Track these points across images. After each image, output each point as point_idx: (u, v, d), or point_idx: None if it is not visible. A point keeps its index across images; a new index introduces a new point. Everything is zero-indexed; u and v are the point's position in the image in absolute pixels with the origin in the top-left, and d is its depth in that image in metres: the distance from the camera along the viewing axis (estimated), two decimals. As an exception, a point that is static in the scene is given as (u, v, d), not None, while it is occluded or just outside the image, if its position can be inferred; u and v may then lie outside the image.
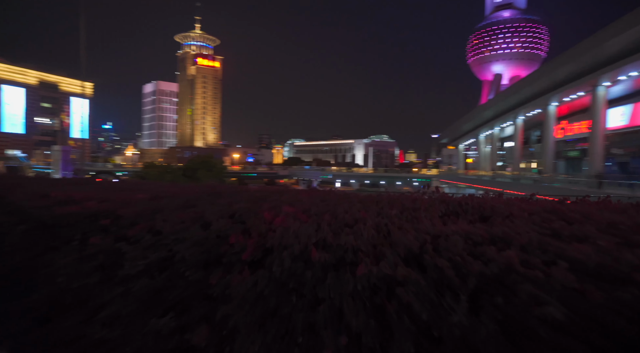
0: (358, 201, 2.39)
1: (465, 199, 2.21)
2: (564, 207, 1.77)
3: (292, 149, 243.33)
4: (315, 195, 2.82)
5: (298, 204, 2.21)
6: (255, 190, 3.59)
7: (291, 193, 3.13)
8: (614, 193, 24.27)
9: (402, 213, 1.84)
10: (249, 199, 2.63)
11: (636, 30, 23.11)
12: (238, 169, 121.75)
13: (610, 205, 2.04)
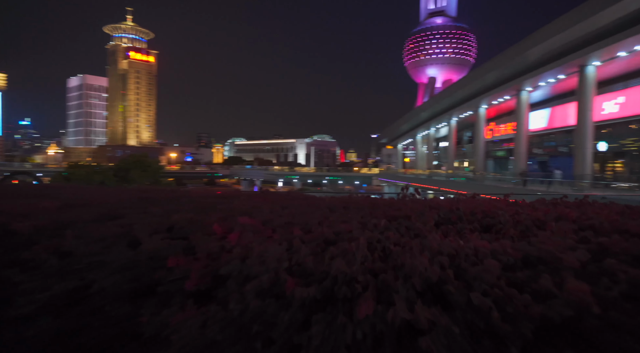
0: (327, 207, 2.03)
1: (450, 203, 1.94)
2: (571, 210, 1.54)
3: (232, 148, 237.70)
4: (273, 200, 2.41)
5: (256, 213, 1.79)
6: (199, 194, 3.07)
7: (244, 198, 2.69)
8: (537, 189, 26.35)
9: (392, 223, 1.51)
10: (193, 207, 2.15)
11: (551, 41, 25.15)
12: (176, 169, 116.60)
13: (612, 208, 1.87)
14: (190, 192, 3.40)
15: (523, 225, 1.41)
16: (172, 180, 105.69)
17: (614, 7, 19.76)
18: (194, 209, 2.11)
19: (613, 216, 1.37)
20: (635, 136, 27.37)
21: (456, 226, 1.52)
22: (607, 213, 1.45)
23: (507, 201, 2.01)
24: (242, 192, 3.28)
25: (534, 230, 1.36)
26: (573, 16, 22.81)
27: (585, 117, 25.74)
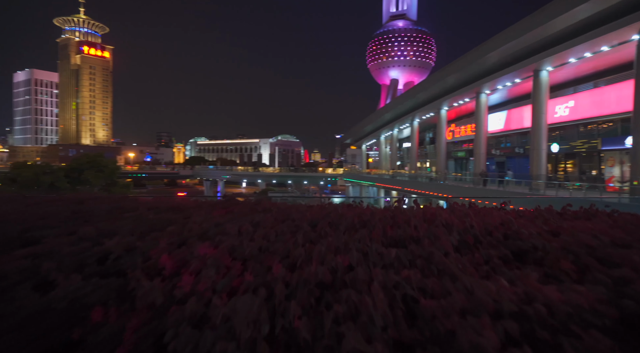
0: (309, 222, 1.67)
1: (452, 215, 1.62)
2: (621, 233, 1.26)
3: (194, 148, 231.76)
4: (240, 212, 2.01)
5: (220, 237, 1.40)
6: (150, 204, 2.56)
7: (204, 210, 2.26)
8: (496, 189, 27.21)
9: (400, 250, 1.17)
10: (138, 226, 1.71)
11: (508, 46, 26.02)
12: (134, 169, 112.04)
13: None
14: (139, 202, 2.85)
15: (571, 253, 1.11)
16: (130, 181, 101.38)
17: (565, 15, 20.63)
18: (139, 230, 1.68)
19: None
20: (584, 138, 28.84)
21: (479, 253, 1.21)
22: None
23: (516, 212, 1.76)
24: (203, 201, 2.84)
25: (593, 263, 1.06)
26: (527, 23, 23.67)
27: (540, 120, 26.80)
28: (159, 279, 1.03)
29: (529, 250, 1.21)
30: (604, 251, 1.12)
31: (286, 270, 1.05)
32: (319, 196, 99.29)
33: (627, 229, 1.39)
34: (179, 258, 1.13)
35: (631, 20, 18.35)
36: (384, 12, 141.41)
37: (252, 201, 2.72)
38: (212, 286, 0.94)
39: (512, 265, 1.10)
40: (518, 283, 0.86)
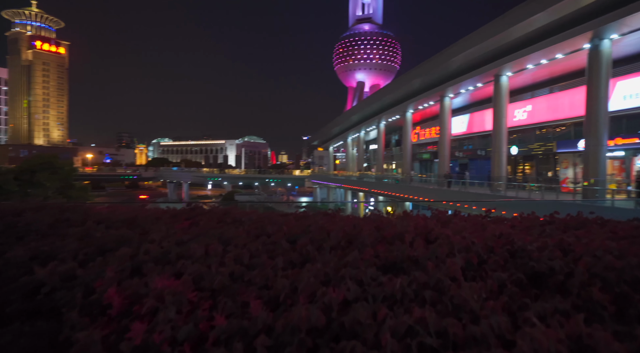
0: (286, 238, 1.45)
1: (444, 227, 1.45)
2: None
3: (157, 149, 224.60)
4: (205, 225, 1.77)
5: (183, 261, 1.17)
6: (101, 216, 2.20)
7: (164, 223, 1.97)
8: (459, 191, 27.93)
9: (402, 278, 0.98)
10: (80, 247, 1.42)
11: (470, 52, 26.78)
12: (93, 171, 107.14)
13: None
14: (89, 214, 2.46)
15: (598, 277, 0.97)
16: (88, 183, 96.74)
17: (523, 23, 21.43)
18: (83, 252, 1.40)
19: None
20: (541, 141, 30.18)
21: (490, 277, 1.06)
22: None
23: (512, 222, 1.64)
24: (164, 210, 2.55)
25: (629, 292, 0.93)
26: (488, 30, 24.43)
27: (500, 124, 27.75)
28: (104, 321, 0.81)
29: (545, 273, 1.07)
30: (633, 275, 1.00)
31: (267, 309, 0.85)
32: (287, 198, 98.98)
33: (639, 242, 1.30)
34: (130, 292, 0.91)
35: (582, 30, 19.31)
36: (350, 15, 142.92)
37: (219, 209, 2.46)
38: (173, 336, 0.73)
39: (530, 291, 0.96)
40: (553, 322, 0.71)
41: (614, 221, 1.95)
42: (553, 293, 0.97)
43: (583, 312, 0.79)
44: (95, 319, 0.84)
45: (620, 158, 24.04)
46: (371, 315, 0.81)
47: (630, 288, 0.94)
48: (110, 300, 0.86)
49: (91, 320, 0.84)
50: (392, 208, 37.79)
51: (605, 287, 0.94)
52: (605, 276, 1.01)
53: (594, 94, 20.16)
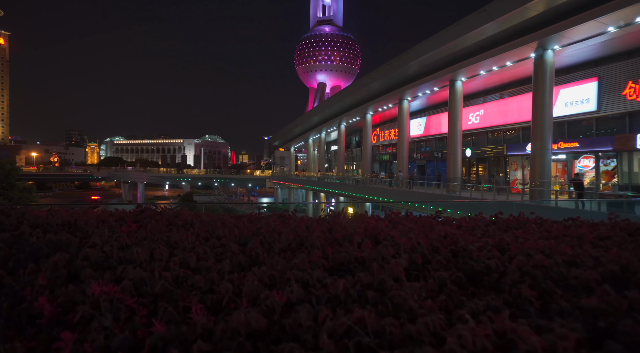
0: (237, 240, 1.41)
1: (393, 228, 1.46)
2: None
3: (111, 148, 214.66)
4: (154, 229, 1.69)
5: (124, 266, 1.12)
6: (39, 220, 2.00)
7: (109, 226, 1.86)
8: (417, 191, 28.78)
9: (347, 279, 0.98)
10: (11, 254, 1.31)
11: (427, 57, 27.64)
12: (38, 170, 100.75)
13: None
14: (26, 217, 2.24)
15: (528, 275, 1.03)
16: (33, 184, 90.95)
17: (475, 31, 22.38)
18: (14, 259, 1.30)
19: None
20: (492, 144, 31.69)
21: (431, 276, 1.10)
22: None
23: (459, 223, 1.71)
24: (111, 212, 2.42)
25: (556, 289, 1.00)
26: (443, 36, 25.29)
27: (455, 127, 28.85)
28: (33, 332, 0.76)
29: (482, 271, 1.13)
30: (559, 272, 1.07)
31: (208, 313, 0.83)
32: (247, 199, 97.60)
33: (567, 241, 1.41)
34: (63, 299, 0.86)
35: (527, 41, 20.52)
36: (311, 17, 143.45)
37: (171, 211, 2.37)
38: (106, 345, 0.69)
39: (468, 290, 1.01)
40: (484, 318, 0.75)
41: (550, 221, 2.10)
42: (488, 290, 1.03)
43: (512, 308, 0.84)
44: (22, 330, 0.79)
45: (562, 161, 25.72)
46: (312, 317, 0.81)
47: (555, 284, 1.02)
48: (41, 309, 0.80)
49: (18, 332, 0.78)
50: (352, 209, 38.22)
51: (534, 284, 1.01)
52: (534, 274, 1.08)
53: (540, 100, 21.46)
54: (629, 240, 1.63)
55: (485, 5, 20.93)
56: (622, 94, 21.65)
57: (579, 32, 18.90)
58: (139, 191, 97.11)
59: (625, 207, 16.28)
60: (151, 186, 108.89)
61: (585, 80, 23.47)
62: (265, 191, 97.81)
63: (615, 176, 22.51)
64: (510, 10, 19.40)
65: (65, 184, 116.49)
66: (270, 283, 1.07)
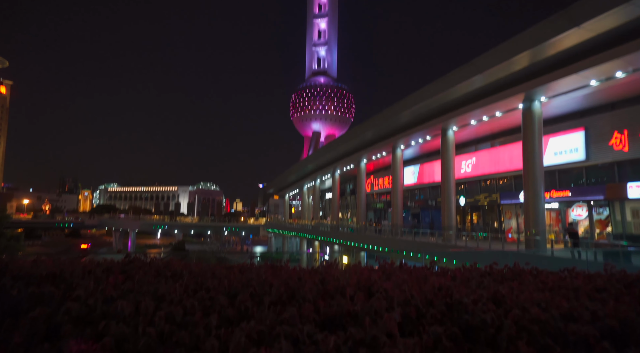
0: (227, 291, 1.35)
1: (385, 279, 1.42)
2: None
3: (104, 195, 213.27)
4: (141, 280, 1.62)
5: (107, 321, 1.06)
6: (24, 270, 1.93)
7: (95, 277, 1.77)
8: (412, 240, 28.50)
9: (339, 335, 0.94)
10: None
11: (419, 107, 28.56)
12: (28, 218, 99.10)
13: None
14: (11, 266, 2.17)
15: (525, 331, 0.99)
16: (21, 232, 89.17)
17: (464, 83, 23.33)
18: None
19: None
20: (485, 192, 31.94)
21: (426, 332, 1.06)
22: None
23: (454, 274, 1.68)
24: (99, 262, 2.36)
25: (554, 346, 0.96)
26: (434, 87, 26.30)
27: (448, 175, 29.20)
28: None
29: (478, 326, 1.09)
30: (556, 327, 1.04)
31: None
32: (240, 248, 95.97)
33: (563, 293, 1.38)
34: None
35: (515, 92, 21.36)
36: (306, 69, 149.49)
37: (160, 261, 2.30)
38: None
39: (464, 346, 0.97)
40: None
41: (546, 271, 2.07)
42: (484, 347, 0.98)
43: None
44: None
45: (556, 209, 25.85)
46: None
47: (553, 340, 0.98)
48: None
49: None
50: (347, 257, 37.65)
51: (531, 340, 0.97)
52: (531, 329, 1.04)
53: (530, 150, 21.96)
54: (626, 292, 1.61)
55: (472, 59, 22.00)
56: (609, 144, 22.24)
57: (563, 85, 19.76)
58: (130, 239, 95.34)
59: (621, 257, 16.17)
60: (143, 233, 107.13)
61: (573, 130, 24.18)
62: (259, 239, 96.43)
63: (609, 225, 22.55)
64: (496, 64, 20.38)
65: (55, 232, 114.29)
66: (259, 339, 1.02)
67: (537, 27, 17.87)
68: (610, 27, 15.85)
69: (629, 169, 21.80)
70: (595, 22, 15.67)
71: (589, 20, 15.60)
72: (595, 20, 15.53)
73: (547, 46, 17.92)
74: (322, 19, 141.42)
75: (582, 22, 15.78)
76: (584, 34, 16.56)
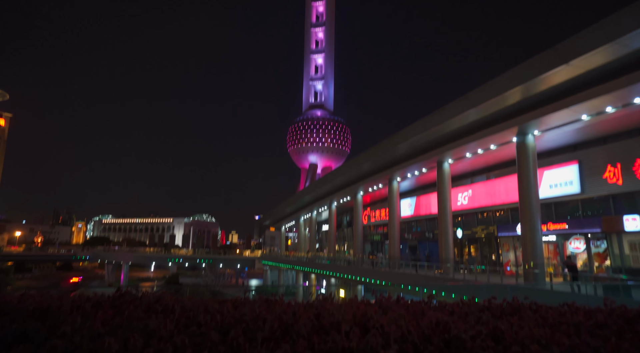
0: (218, 329, 1.31)
1: (389, 319, 1.37)
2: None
3: (99, 227, 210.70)
4: (131, 315, 1.57)
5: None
6: (9, 306, 1.85)
7: (83, 313, 1.70)
8: (410, 273, 28.07)
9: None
10: None
11: (414, 139, 28.90)
12: (20, 250, 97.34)
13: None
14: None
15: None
16: (11, 265, 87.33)
17: (458, 117, 23.75)
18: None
19: None
20: (483, 224, 31.82)
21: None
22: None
23: (446, 308, 1.64)
24: (87, 298, 2.28)
25: None
26: (428, 121, 26.71)
27: (445, 207, 29.17)
28: None
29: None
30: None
31: None
32: (235, 281, 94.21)
33: (563, 330, 1.34)
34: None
35: (508, 126, 21.73)
36: (303, 102, 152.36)
37: (151, 295, 2.24)
38: None
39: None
40: None
41: (545, 306, 2.03)
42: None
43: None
44: None
45: (553, 242, 25.70)
46: None
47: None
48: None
49: None
50: (344, 291, 36.90)
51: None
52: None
53: (525, 182, 22.10)
54: (627, 328, 1.57)
55: (467, 93, 22.50)
56: (603, 177, 22.44)
57: (556, 119, 20.16)
58: (122, 272, 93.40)
59: (621, 291, 15.94)
60: (136, 266, 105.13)
61: (567, 163, 24.43)
62: (255, 272, 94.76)
63: (608, 258, 22.37)
64: (489, 98, 20.85)
65: (46, 265, 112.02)
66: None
67: (528, 63, 18.44)
68: (599, 64, 16.37)
69: (624, 202, 21.90)
70: (583, 60, 16.20)
71: (577, 58, 16.14)
72: (584, 58, 16.06)
73: (538, 82, 18.42)
74: (319, 54, 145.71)
75: (570, 60, 16.31)
76: (574, 71, 17.07)
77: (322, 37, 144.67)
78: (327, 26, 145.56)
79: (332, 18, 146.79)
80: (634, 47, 15.01)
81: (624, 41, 14.70)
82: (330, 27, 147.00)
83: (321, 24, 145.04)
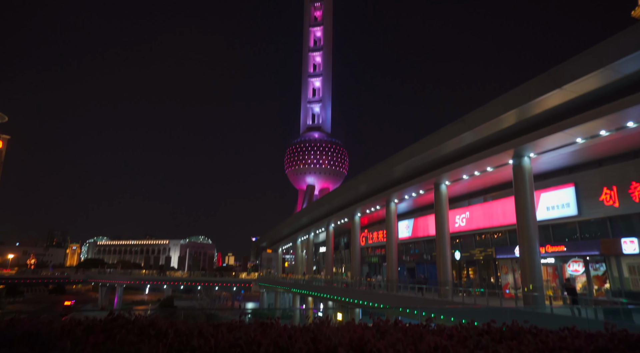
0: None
1: (386, 344, 1.35)
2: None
3: (93, 249, 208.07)
4: (123, 340, 1.53)
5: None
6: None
7: (73, 338, 1.68)
8: (408, 296, 27.69)
9: None
10: None
11: (411, 161, 29.02)
12: (12, 273, 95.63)
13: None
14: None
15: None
16: (2, 288, 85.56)
17: (454, 140, 23.92)
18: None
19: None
20: (480, 246, 31.61)
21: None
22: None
23: (450, 332, 1.61)
24: (79, 322, 2.21)
25: None
26: (425, 143, 26.86)
27: (443, 229, 29.06)
28: None
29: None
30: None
31: None
32: (232, 304, 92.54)
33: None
34: None
35: (504, 148, 21.87)
36: (301, 124, 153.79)
37: (144, 319, 2.19)
38: None
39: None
40: None
41: (545, 330, 2.00)
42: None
43: None
44: None
45: (552, 264, 25.50)
46: None
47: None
48: None
49: None
50: (341, 314, 36.25)
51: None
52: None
53: (522, 204, 22.11)
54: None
55: (463, 116, 22.74)
56: (600, 200, 22.47)
57: (551, 142, 20.35)
58: (116, 295, 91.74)
59: (622, 315, 15.73)
60: (131, 289, 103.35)
61: (563, 185, 24.50)
62: (251, 294, 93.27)
63: (607, 281, 22.17)
64: (485, 121, 21.08)
65: (39, 287, 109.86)
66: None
67: (522, 87, 18.75)
68: (591, 88, 16.66)
69: (621, 225, 21.86)
70: (576, 84, 16.49)
71: (570, 83, 16.43)
72: (576, 83, 16.36)
73: (532, 105, 18.68)
74: (317, 78, 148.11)
75: (563, 84, 16.61)
76: (567, 95, 17.36)
77: (320, 61, 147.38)
78: (325, 50, 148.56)
79: (329, 43, 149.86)
80: (625, 73, 15.32)
81: (616, 67, 15.02)
82: (328, 52, 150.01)
83: (319, 49, 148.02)
